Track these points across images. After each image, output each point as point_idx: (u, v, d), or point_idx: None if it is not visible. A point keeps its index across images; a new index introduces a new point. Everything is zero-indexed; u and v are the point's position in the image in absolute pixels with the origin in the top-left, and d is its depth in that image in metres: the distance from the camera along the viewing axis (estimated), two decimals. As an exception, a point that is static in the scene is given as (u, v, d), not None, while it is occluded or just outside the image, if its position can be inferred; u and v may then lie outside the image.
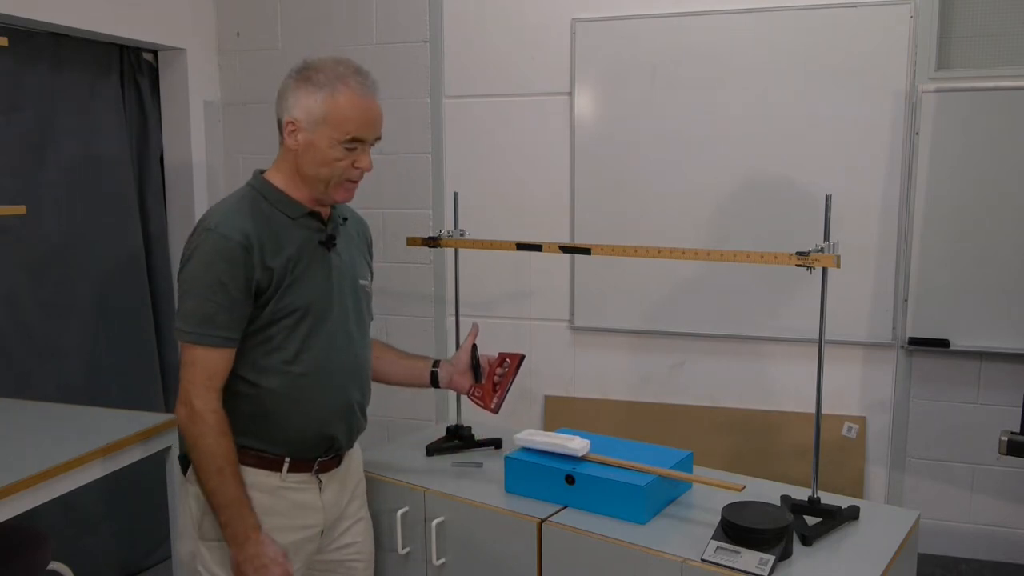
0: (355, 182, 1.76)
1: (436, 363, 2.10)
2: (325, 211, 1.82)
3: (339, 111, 1.69)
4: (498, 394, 2.06)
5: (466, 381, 2.08)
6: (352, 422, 1.86)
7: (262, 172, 1.81)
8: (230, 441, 1.68)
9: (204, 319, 1.64)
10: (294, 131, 1.72)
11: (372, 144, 1.76)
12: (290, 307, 1.71)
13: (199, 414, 1.65)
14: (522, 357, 2.09)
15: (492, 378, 2.07)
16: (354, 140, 1.71)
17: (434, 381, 2.09)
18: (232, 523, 1.67)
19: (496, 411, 2.07)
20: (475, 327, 2.11)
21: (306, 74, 1.72)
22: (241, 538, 1.67)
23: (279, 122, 1.76)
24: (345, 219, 1.90)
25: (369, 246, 2.01)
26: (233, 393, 1.73)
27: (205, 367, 1.66)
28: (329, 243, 1.80)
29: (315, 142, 1.71)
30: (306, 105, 1.70)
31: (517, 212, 3.44)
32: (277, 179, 1.78)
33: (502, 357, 2.09)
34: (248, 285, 1.66)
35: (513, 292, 3.51)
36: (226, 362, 1.68)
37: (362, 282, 1.90)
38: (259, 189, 1.77)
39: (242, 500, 1.68)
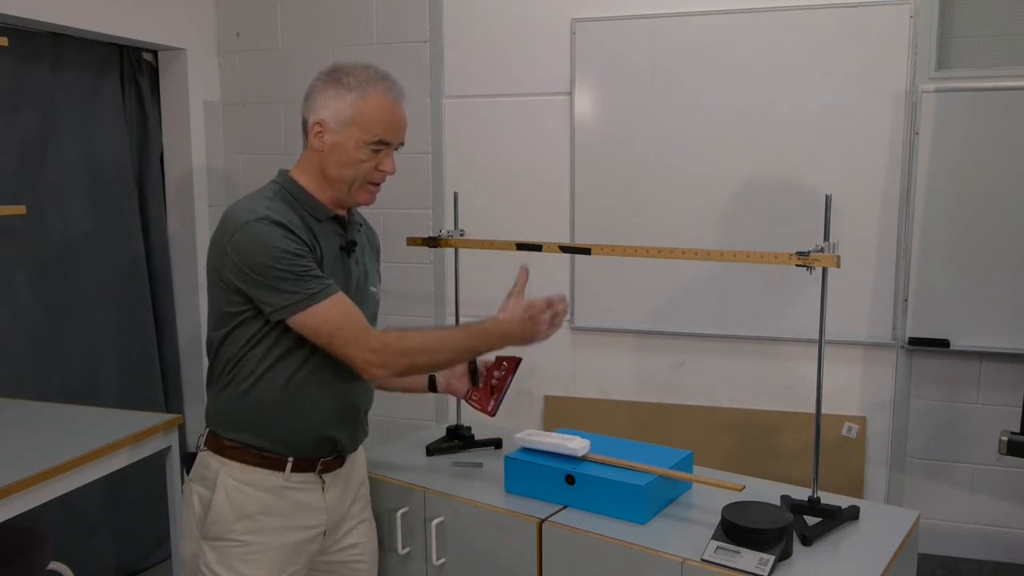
0: (377, 185, 1.78)
1: None
2: (344, 216, 1.83)
3: (367, 113, 1.71)
4: (495, 398, 2.06)
5: (463, 385, 2.09)
6: (355, 426, 1.86)
7: (287, 171, 1.81)
8: (414, 333, 1.74)
9: (312, 280, 1.64)
10: (321, 132, 1.73)
11: (396, 148, 1.78)
12: None
13: (383, 347, 1.67)
14: (519, 360, 2.09)
15: (489, 381, 2.07)
16: (380, 142, 1.73)
17: (432, 386, 2.09)
18: (492, 343, 1.81)
19: (493, 415, 2.07)
20: None
21: (336, 76, 1.74)
22: (506, 336, 1.81)
23: (304, 123, 1.77)
24: (361, 225, 1.92)
25: (378, 253, 2.03)
26: (240, 389, 1.73)
27: (348, 317, 1.67)
28: (350, 248, 1.81)
29: (342, 143, 1.72)
30: (335, 107, 1.72)
31: (517, 212, 3.44)
32: (303, 180, 1.78)
33: (499, 361, 2.09)
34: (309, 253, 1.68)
35: (513, 292, 3.50)
36: (352, 303, 1.69)
37: (372, 289, 1.91)
38: (288, 189, 1.76)
39: (471, 329, 1.80)
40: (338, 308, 1.66)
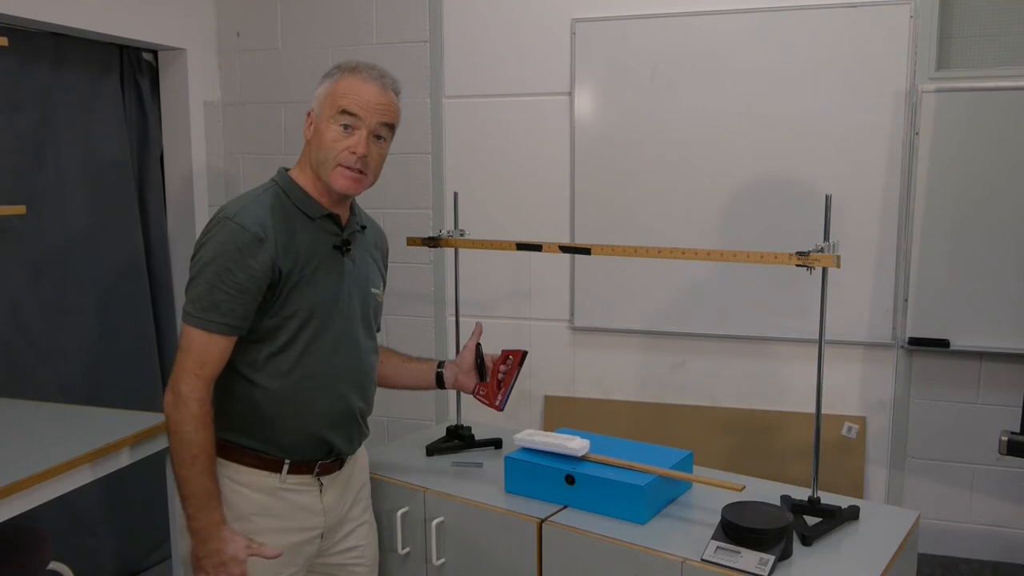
0: (352, 169, 1.73)
1: (441, 364, 2.10)
2: (344, 215, 1.82)
3: (337, 90, 1.73)
4: (502, 392, 2.07)
5: (471, 380, 2.09)
6: (351, 429, 1.85)
7: (287, 170, 1.81)
8: (209, 433, 1.65)
9: (209, 304, 1.63)
10: (310, 123, 1.77)
11: (377, 133, 1.75)
12: (296, 308, 1.71)
13: (183, 400, 1.63)
14: (524, 354, 2.09)
15: (496, 376, 2.07)
16: (345, 113, 1.71)
17: (439, 382, 2.10)
18: (197, 516, 1.65)
19: (501, 409, 2.07)
20: (479, 326, 2.12)
21: (329, 71, 1.78)
22: (203, 533, 1.65)
23: None
24: (364, 227, 1.91)
25: (385, 256, 2.02)
26: (233, 392, 1.73)
27: (199, 353, 1.64)
28: (344, 247, 1.80)
29: (319, 127, 1.74)
30: (318, 93, 1.76)
31: (517, 212, 3.45)
32: (300, 177, 1.78)
33: (505, 355, 2.09)
34: (259, 276, 1.65)
35: (513, 292, 3.51)
36: (221, 351, 1.66)
37: (374, 290, 1.90)
38: (282, 186, 1.77)
39: (210, 493, 1.65)
40: (209, 343, 1.64)
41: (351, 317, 1.81)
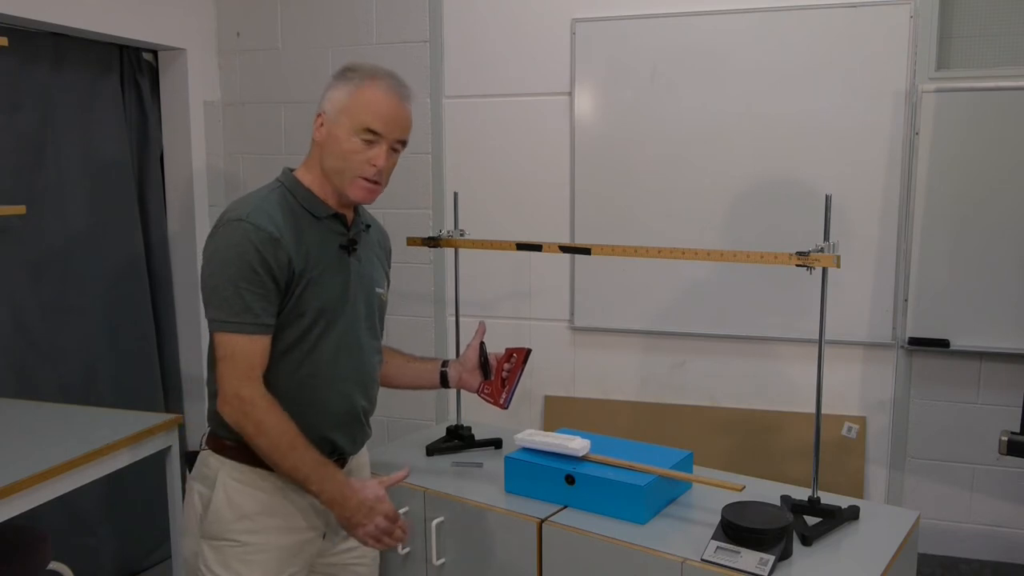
0: (371, 181, 1.74)
1: (445, 363, 2.11)
2: (349, 215, 1.82)
3: (359, 101, 1.72)
4: (507, 390, 2.07)
5: (475, 379, 2.09)
6: (355, 429, 1.85)
7: (292, 170, 1.81)
8: (287, 416, 1.67)
9: (242, 308, 1.63)
10: (321, 124, 1.76)
11: (394, 147, 1.76)
12: (304, 308, 1.71)
13: (249, 402, 1.64)
14: (528, 352, 2.09)
15: (500, 374, 2.08)
16: (369, 131, 1.71)
17: (444, 381, 2.10)
18: (324, 488, 1.67)
19: (506, 407, 2.07)
20: (482, 325, 2.12)
21: (343, 72, 1.76)
22: (339, 497, 1.68)
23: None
24: (368, 226, 1.90)
25: (388, 256, 2.02)
26: None
27: (246, 357, 1.65)
28: (350, 247, 1.80)
29: (336, 133, 1.73)
30: (334, 97, 1.74)
31: (517, 212, 3.45)
32: (306, 178, 1.78)
33: (509, 353, 2.10)
34: (279, 275, 1.66)
35: (513, 292, 3.51)
36: (264, 351, 1.67)
37: (378, 290, 1.90)
38: (288, 186, 1.77)
39: (323, 463, 1.68)
40: (252, 345, 1.65)
41: (356, 317, 1.81)
